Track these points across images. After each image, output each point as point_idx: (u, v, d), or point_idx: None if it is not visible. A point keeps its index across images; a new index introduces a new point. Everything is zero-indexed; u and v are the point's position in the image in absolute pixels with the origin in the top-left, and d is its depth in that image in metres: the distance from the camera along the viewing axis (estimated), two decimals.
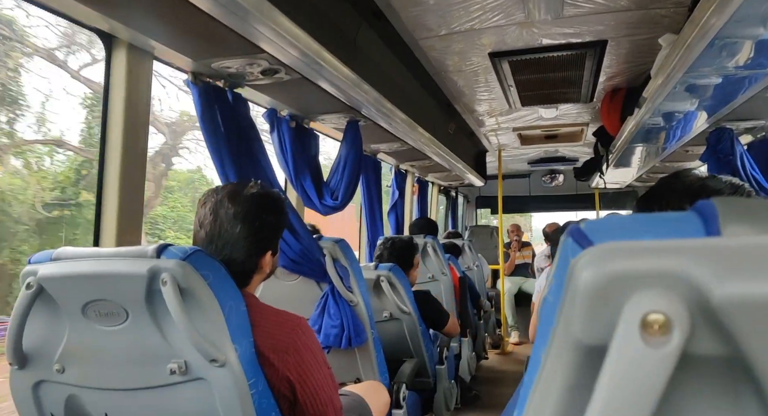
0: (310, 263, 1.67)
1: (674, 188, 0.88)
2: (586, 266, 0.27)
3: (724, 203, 0.27)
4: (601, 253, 0.26)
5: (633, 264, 0.25)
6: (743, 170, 2.33)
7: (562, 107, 3.54)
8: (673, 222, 0.28)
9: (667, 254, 0.25)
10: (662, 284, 0.25)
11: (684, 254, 0.24)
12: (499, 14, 2.10)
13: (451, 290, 3.18)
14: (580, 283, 0.26)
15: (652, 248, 0.25)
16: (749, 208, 0.26)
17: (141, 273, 0.94)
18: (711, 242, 0.24)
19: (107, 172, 1.36)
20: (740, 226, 0.25)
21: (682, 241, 0.25)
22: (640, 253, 0.25)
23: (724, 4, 1.27)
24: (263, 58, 1.53)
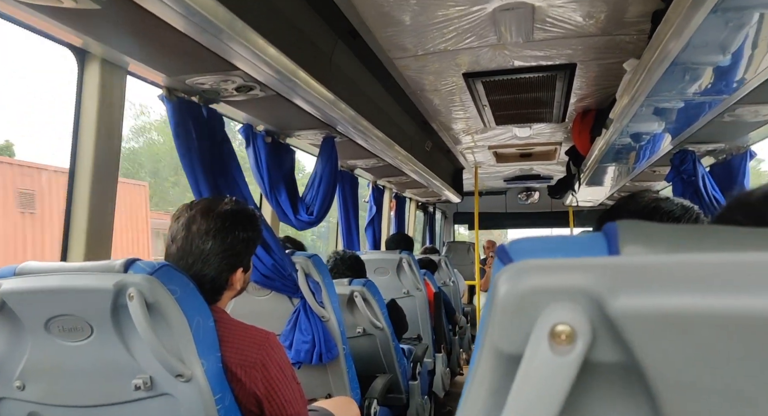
0: (283, 279, 1.68)
1: (630, 209, 0.92)
2: (505, 281, 0.29)
3: (625, 225, 0.30)
4: (518, 270, 0.29)
5: (544, 280, 0.28)
6: (705, 190, 2.42)
7: (535, 126, 3.63)
8: (582, 242, 0.31)
9: (572, 271, 0.27)
10: (568, 298, 0.27)
11: (586, 271, 0.27)
12: (473, 36, 2.16)
13: (425, 305, 3.20)
14: (500, 296, 0.29)
15: (561, 265, 0.28)
16: (646, 230, 0.29)
17: (107, 288, 0.94)
18: (608, 260, 0.27)
19: (77, 186, 1.36)
20: (636, 246, 0.28)
21: (585, 259, 0.27)
22: (551, 270, 0.28)
23: (680, 31, 1.34)
24: (237, 76, 1.55)
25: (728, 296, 0.24)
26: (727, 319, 0.23)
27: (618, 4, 1.86)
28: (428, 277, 3.53)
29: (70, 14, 1.10)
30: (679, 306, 0.24)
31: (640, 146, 2.92)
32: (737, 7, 1.20)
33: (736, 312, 0.23)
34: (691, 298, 0.24)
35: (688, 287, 0.24)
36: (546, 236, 0.34)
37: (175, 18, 1.14)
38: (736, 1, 1.17)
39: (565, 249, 0.30)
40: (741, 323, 0.23)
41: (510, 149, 4.40)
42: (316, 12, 1.80)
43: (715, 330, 0.24)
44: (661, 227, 0.30)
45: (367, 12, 1.92)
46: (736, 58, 1.51)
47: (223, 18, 1.21)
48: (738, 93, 1.69)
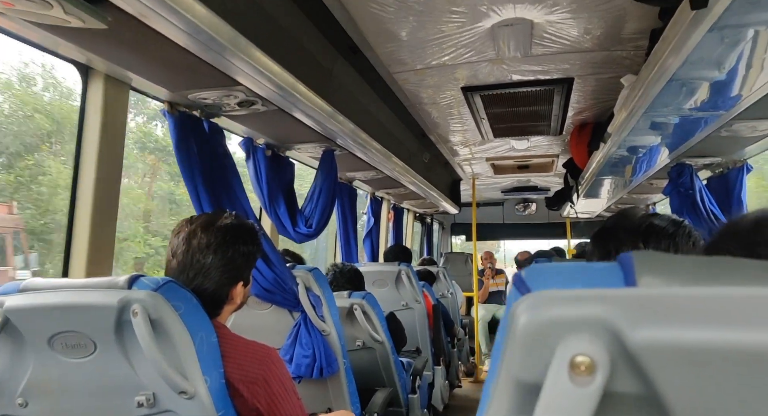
0: (283, 293, 1.68)
1: (626, 227, 0.94)
2: (524, 311, 0.30)
3: (641, 256, 0.30)
4: (537, 300, 0.29)
5: (563, 311, 0.28)
6: (702, 204, 2.43)
7: (533, 138, 3.66)
8: (599, 272, 0.31)
9: (591, 303, 0.28)
10: (588, 329, 0.28)
11: (604, 303, 0.27)
12: (471, 51, 2.18)
13: (424, 317, 3.19)
14: (519, 327, 0.30)
15: (579, 296, 0.28)
16: (661, 262, 0.30)
17: (111, 304, 0.94)
18: (626, 291, 0.28)
19: (79, 200, 1.36)
20: (653, 278, 0.29)
21: (603, 291, 0.28)
22: (569, 301, 0.28)
23: (678, 49, 1.36)
24: (240, 91, 1.56)
25: (748, 330, 0.24)
26: (747, 354, 0.24)
27: (615, 20, 1.89)
28: (427, 289, 3.53)
29: (76, 32, 1.11)
30: (698, 340, 0.25)
31: (638, 159, 2.95)
32: (734, 25, 1.22)
33: (756, 347, 0.24)
34: (711, 332, 0.25)
35: (708, 320, 0.25)
36: (562, 264, 0.34)
37: (181, 36, 1.15)
38: (733, 20, 1.19)
39: (582, 279, 0.31)
40: (761, 358, 0.24)
41: (507, 161, 4.43)
42: (318, 29, 1.82)
43: (735, 364, 0.24)
44: (675, 259, 0.30)
45: (367, 28, 1.94)
46: (733, 74, 1.53)
47: (228, 35, 1.23)
48: (735, 109, 1.71)
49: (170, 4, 1.02)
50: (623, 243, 0.93)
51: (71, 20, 0.99)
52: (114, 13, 1.04)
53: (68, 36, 1.15)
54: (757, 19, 1.21)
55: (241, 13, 1.35)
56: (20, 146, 5.71)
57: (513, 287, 0.34)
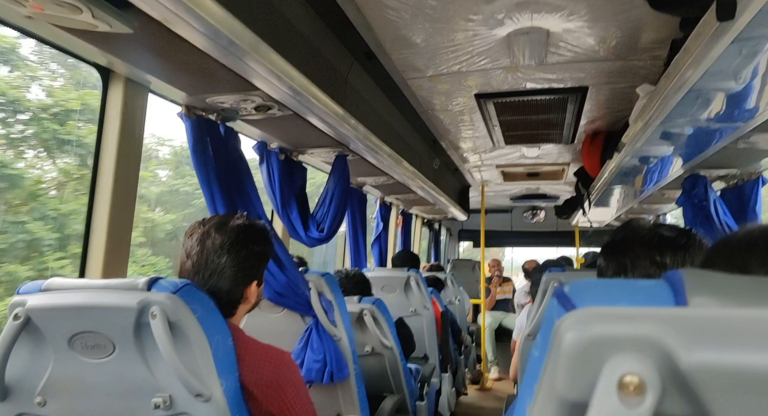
0: (295, 297, 1.68)
1: (638, 241, 0.94)
2: (569, 328, 0.30)
3: (691, 275, 0.30)
4: (584, 317, 0.29)
5: (612, 329, 0.28)
6: (717, 215, 2.41)
7: (544, 146, 3.65)
8: (647, 290, 0.31)
9: (641, 322, 0.28)
10: (637, 348, 0.28)
11: (656, 322, 0.27)
12: (486, 58, 2.19)
13: (433, 324, 3.18)
14: (564, 344, 0.29)
15: (629, 315, 0.28)
16: (712, 281, 0.30)
17: (131, 306, 0.95)
18: (680, 311, 0.28)
19: (97, 201, 1.37)
20: (704, 297, 0.29)
21: (654, 309, 0.28)
22: (618, 319, 0.28)
23: (699, 59, 1.35)
24: (257, 95, 1.57)
25: None
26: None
27: (632, 30, 1.88)
28: (435, 295, 3.52)
29: (100, 36, 1.12)
30: (755, 364, 0.25)
31: (650, 168, 2.93)
32: (758, 37, 1.21)
33: None
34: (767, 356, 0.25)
35: (764, 344, 0.25)
36: (606, 280, 0.34)
37: (201, 40, 1.16)
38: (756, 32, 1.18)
39: (629, 297, 0.31)
40: None
41: (517, 169, 4.42)
42: (335, 34, 1.83)
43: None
44: (726, 278, 0.30)
45: (383, 34, 1.95)
46: (751, 85, 1.52)
47: (247, 40, 1.24)
48: (753, 121, 1.70)
49: (193, 8, 1.03)
50: (638, 257, 0.93)
51: (98, 25, 1.00)
52: (139, 19, 1.05)
53: (92, 39, 1.17)
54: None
55: (261, 18, 1.36)
56: None
57: (555, 301, 0.34)
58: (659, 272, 0.90)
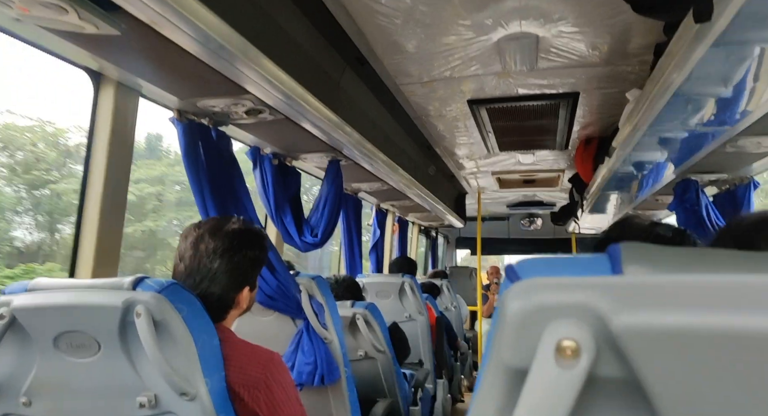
0: (286, 300, 1.69)
1: (634, 237, 0.95)
2: (513, 298, 0.31)
3: (628, 246, 0.31)
4: (526, 287, 0.30)
5: (551, 297, 0.29)
6: (709, 220, 2.43)
7: (538, 153, 3.67)
8: (586, 262, 0.32)
9: (577, 289, 0.29)
10: (574, 314, 0.29)
11: (591, 289, 0.28)
12: (477, 64, 2.21)
13: (427, 330, 3.18)
14: (508, 313, 0.30)
15: (566, 284, 0.29)
16: (648, 252, 0.31)
17: (116, 305, 0.95)
18: (612, 279, 0.29)
19: (87, 203, 1.38)
20: (639, 266, 0.30)
21: (590, 278, 0.29)
22: (557, 288, 0.29)
23: (681, 64, 1.37)
24: (248, 99, 1.59)
25: (726, 314, 0.25)
26: (725, 337, 0.25)
27: (621, 35, 1.90)
28: (430, 301, 3.52)
29: (89, 39, 1.14)
30: (679, 324, 0.26)
31: (643, 174, 2.95)
32: (738, 41, 1.23)
33: (734, 330, 0.25)
34: (691, 316, 0.25)
35: (688, 305, 0.26)
36: (554, 256, 0.35)
37: (192, 44, 1.18)
38: (737, 36, 1.20)
39: (571, 269, 0.32)
40: (739, 341, 0.25)
41: (513, 175, 4.43)
42: (326, 39, 1.85)
43: (714, 347, 0.25)
44: (662, 249, 0.31)
45: (375, 40, 1.97)
46: (738, 90, 1.54)
47: (237, 44, 1.25)
48: (740, 125, 1.72)
49: (182, 11, 1.05)
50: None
51: (85, 26, 1.02)
52: (127, 21, 1.06)
53: (81, 42, 1.18)
54: (762, 36, 1.23)
55: (251, 22, 1.38)
56: None
57: (505, 277, 0.35)
58: None
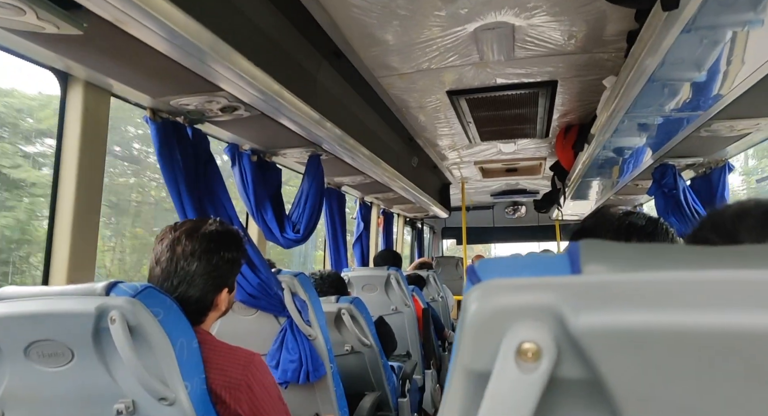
0: (269, 298, 1.67)
1: (608, 227, 0.95)
2: (473, 301, 0.30)
3: (587, 245, 0.31)
4: (485, 289, 0.30)
5: (510, 299, 0.29)
6: (686, 203, 2.46)
7: (520, 142, 3.68)
8: (547, 262, 0.32)
9: (536, 290, 0.28)
10: (534, 316, 0.28)
11: (549, 290, 0.28)
12: (455, 55, 2.20)
13: (414, 321, 3.19)
14: (468, 316, 0.30)
15: (525, 285, 0.29)
16: (607, 249, 0.30)
17: (89, 312, 0.93)
18: (570, 279, 0.28)
19: (60, 209, 1.35)
20: (597, 265, 0.29)
21: (548, 278, 0.28)
22: (516, 289, 0.29)
23: (654, 49, 1.38)
24: (222, 96, 1.56)
25: (681, 313, 0.25)
26: (680, 335, 0.24)
27: (595, 23, 1.91)
28: (416, 293, 3.52)
29: (53, 39, 1.11)
30: (635, 323, 0.25)
31: (623, 159, 2.98)
32: (708, 26, 1.24)
33: (688, 329, 0.24)
34: (647, 315, 0.25)
35: (644, 304, 0.25)
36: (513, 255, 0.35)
37: (160, 42, 1.15)
38: (706, 21, 1.21)
39: (531, 268, 0.31)
40: (692, 339, 0.24)
41: (496, 164, 4.45)
42: (301, 33, 1.82)
43: (669, 345, 0.25)
44: (621, 246, 0.31)
45: (351, 32, 1.95)
46: (711, 75, 1.55)
47: (208, 41, 1.23)
48: (713, 109, 1.73)
49: (147, 9, 1.02)
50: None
51: (45, 26, 0.98)
52: (90, 20, 1.03)
53: (44, 42, 1.15)
54: (732, 20, 1.23)
55: (221, 18, 1.35)
56: None
57: (467, 279, 0.34)
58: None
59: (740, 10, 1.19)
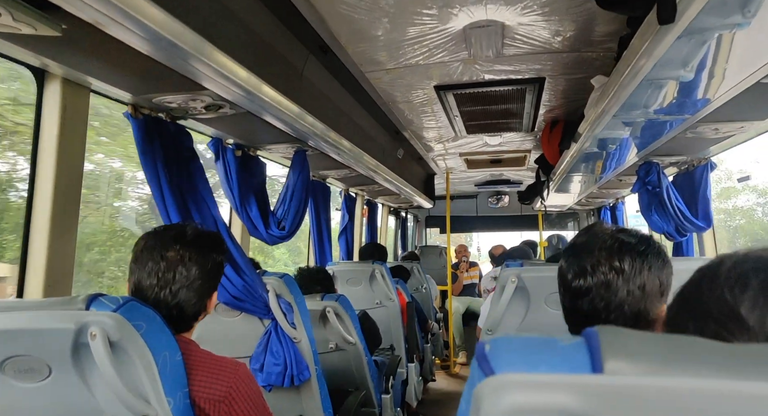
0: (254, 300, 1.65)
1: (600, 246, 0.96)
2: (488, 395, 0.29)
3: (607, 337, 0.29)
4: (500, 384, 0.28)
5: (528, 398, 0.28)
6: (669, 201, 2.48)
7: (505, 135, 3.67)
8: (564, 352, 0.31)
9: (556, 390, 0.27)
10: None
11: (570, 391, 0.27)
12: (444, 51, 2.17)
13: (398, 315, 3.20)
14: (483, 413, 0.29)
15: (544, 383, 0.27)
16: (628, 344, 0.29)
17: (68, 328, 0.90)
18: (593, 379, 0.27)
19: (35, 214, 1.29)
20: (620, 363, 0.28)
21: (568, 377, 0.27)
22: (534, 387, 0.28)
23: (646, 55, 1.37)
24: (206, 95, 1.52)
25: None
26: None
27: (585, 23, 1.89)
28: (401, 286, 3.53)
29: (30, 38, 1.06)
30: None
31: (608, 154, 2.99)
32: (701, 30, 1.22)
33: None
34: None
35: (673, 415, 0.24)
36: (527, 340, 0.33)
37: (141, 43, 1.11)
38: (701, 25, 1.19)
39: (547, 359, 0.30)
40: None
41: (481, 156, 4.44)
42: (288, 28, 1.78)
43: None
44: (643, 340, 0.30)
45: (338, 28, 1.90)
46: (699, 80, 1.56)
47: (191, 41, 1.18)
48: (699, 113, 1.74)
49: (127, 10, 0.98)
50: (599, 262, 0.95)
51: (21, 28, 0.94)
52: (68, 21, 0.99)
53: (21, 41, 1.10)
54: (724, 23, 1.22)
55: (205, 16, 1.31)
56: None
57: (476, 363, 0.33)
58: (617, 278, 0.92)
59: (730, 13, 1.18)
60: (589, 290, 0.95)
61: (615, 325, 0.94)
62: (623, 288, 0.93)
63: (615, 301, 0.93)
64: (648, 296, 0.93)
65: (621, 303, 0.93)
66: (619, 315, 0.93)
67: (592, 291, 0.94)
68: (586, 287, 0.95)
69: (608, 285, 0.93)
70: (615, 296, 0.93)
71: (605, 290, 0.93)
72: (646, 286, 0.93)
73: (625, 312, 0.93)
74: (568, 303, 1.00)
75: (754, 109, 1.72)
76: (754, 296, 0.45)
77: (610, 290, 0.93)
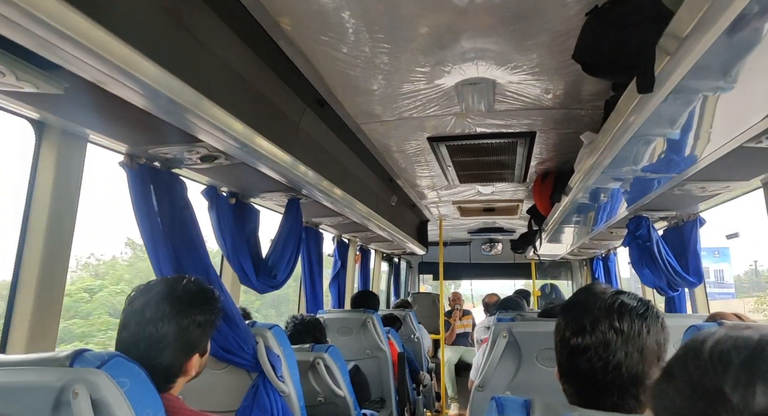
0: (242, 353, 1.62)
1: (599, 306, 0.96)
2: None
3: None
4: None
5: None
6: (659, 255, 2.50)
7: (498, 185, 3.73)
8: None
9: None
10: None
11: None
12: (437, 106, 2.23)
13: (389, 367, 3.13)
14: None
15: None
16: None
17: (50, 385, 0.88)
18: None
19: (25, 265, 1.28)
20: None
21: None
22: None
23: (631, 119, 1.41)
24: (202, 147, 1.55)
25: None
26: None
27: (573, 83, 1.96)
28: (392, 335, 3.48)
29: (30, 94, 1.08)
30: None
31: (599, 207, 3.03)
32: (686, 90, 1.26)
33: None
34: None
35: None
36: None
37: (140, 99, 1.14)
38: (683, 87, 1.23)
39: None
40: None
41: (474, 204, 4.49)
42: (285, 83, 1.83)
43: None
44: None
45: (334, 83, 1.96)
46: (684, 142, 1.60)
47: (188, 97, 1.21)
48: (686, 172, 1.78)
49: (128, 70, 1.01)
50: (598, 320, 0.95)
51: (24, 86, 0.96)
52: (70, 79, 1.02)
53: (20, 98, 1.12)
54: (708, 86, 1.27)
55: (204, 71, 1.34)
56: None
57: None
58: (617, 339, 0.92)
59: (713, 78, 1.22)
60: (587, 349, 0.94)
61: (612, 387, 0.94)
62: (622, 349, 0.92)
63: (613, 361, 0.92)
64: (646, 359, 0.92)
65: (619, 364, 0.92)
66: (617, 376, 0.92)
67: (591, 350, 0.94)
68: (584, 346, 0.94)
69: (607, 345, 0.93)
70: (613, 356, 0.92)
71: (604, 350, 0.93)
72: (644, 349, 0.92)
73: (623, 374, 0.92)
74: (565, 361, 0.99)
75: (738, 170, 1.76)
76: (735, 375, 0.46)
77: (609, 350, 0.92)
